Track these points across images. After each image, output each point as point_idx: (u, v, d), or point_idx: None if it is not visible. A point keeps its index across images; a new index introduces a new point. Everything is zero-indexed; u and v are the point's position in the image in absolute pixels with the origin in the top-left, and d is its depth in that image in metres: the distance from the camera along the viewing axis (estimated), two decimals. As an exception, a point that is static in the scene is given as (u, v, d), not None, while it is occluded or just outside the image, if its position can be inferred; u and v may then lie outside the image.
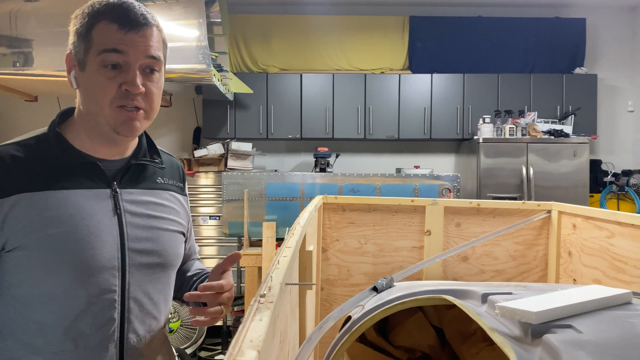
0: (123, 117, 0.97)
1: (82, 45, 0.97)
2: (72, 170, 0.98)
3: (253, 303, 0.54)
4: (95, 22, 0.96)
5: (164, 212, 1.09)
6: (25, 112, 5.11)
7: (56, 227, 0.92)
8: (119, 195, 1.02)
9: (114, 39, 0.95)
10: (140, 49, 0.96)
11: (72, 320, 0.94)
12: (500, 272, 2.37)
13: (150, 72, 1.00)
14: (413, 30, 5.19)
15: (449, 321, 1.75)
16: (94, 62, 0.96)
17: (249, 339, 0.40)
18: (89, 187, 0.99)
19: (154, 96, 1.01)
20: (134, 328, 1.02)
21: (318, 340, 0.98)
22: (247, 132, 4.98)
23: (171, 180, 1.16)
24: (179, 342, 4.12)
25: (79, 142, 1.01)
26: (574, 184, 4.54)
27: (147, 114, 1.01)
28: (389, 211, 2.39)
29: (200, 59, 3.62)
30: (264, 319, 0.46)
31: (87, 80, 0.97)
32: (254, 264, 3.65)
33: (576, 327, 0.85)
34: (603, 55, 5.41)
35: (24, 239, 0.91)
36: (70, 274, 0.93)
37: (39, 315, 0.93)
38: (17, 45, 3.70)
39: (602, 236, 1.91)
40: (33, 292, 0.92)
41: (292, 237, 1.05)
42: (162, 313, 1.10)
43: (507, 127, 4.63)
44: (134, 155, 1.08)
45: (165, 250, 1.07)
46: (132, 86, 0.96)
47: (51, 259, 0.92)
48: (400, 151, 5.44)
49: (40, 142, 0.99)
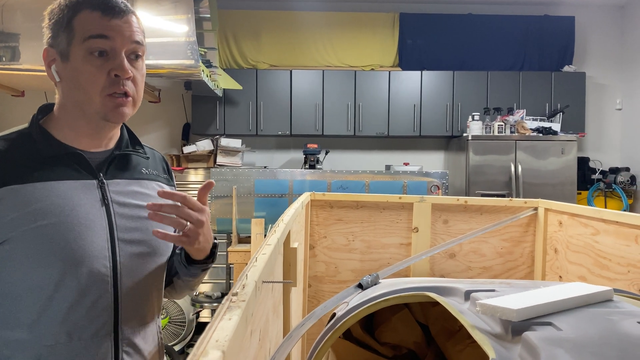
0: (112, 104, 0.97)
1: (63, 36, 0.96)
2: (57, 162, 0.98)
3: (224, 302, 0.53)
4: (76, 12, 0.96)
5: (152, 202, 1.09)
6: (11, 107, 5.05)
7: (45, 218, 0.91)
8: (105, 186, 1.02)
9: (99, 25, 0.95)
10: (126, 35, 0.97)
11: (66, 313, 0.93)
12: (487, 269, 2.38)
13: (135, 58, 1.01)
14: (403, 27, 5.18)
15: (435, 318, 1.75)
16: (79, 51, 0.95)
17: (215, 339, 0.40)
18: (76, 178, 0.98)
19: (139, 82, 1.02)
20: (127, 319, 1.01)
21: (299, 337, 0.97)
22: (236, 128, 4.95)
23: (155, 170, 1.16)
24: (168, 339, 4.10)
25: (62, 135, 1.00)
26: (561, 181, 4.56)
27: (134, 101, 1.02)
28: (377, 208, 2.39)
29: (189, 54, 3.59)
30: (234, 318, 0.46)
31: (72, 70, 0.96)
32: (243, 261, 3.64)
33: (556, 324, 0.85)
34: (592, 54, 5.44)
35: (12, 232, 0.89)
36: (61, 265, 0.92)
37: (31, 309, 0.92)
38: (3, 39, 3.65)
39: (587, 233, 1.92)
40: (23, 285, 0.91)
41: (273, 235, 1.05)
42: (154, 304, 1.09)
43: (496, 124, 4.65)
44: (117, 147, 1.08)
45: (154, 240, 1.06)
46: (122, 71, 0.96)
47: (41, 251, 0.91)
48: (390, 148, 5.44)
49: (23, 136, 0.98)
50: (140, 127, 5.27)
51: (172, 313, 4.12)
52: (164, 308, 4.07)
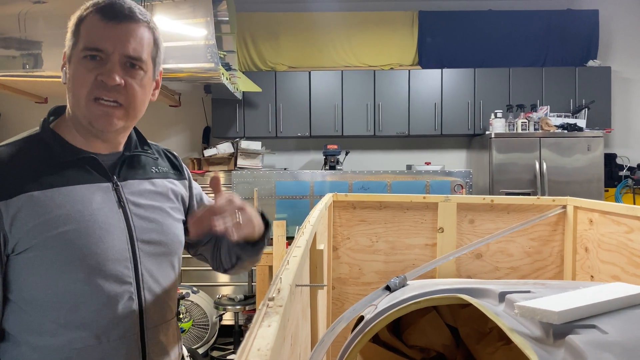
0: (99, 111, 0.95)
1: (72, 41, 0.97)
2: (72, 166, 0.98)
3: (261, 307, 0.51)
4: (84, 16, 0.96)
5: (163, 201, 1.10)
6: (35, 113, 5.13)
7: (67, 224, 0.92)
8: (120, 188, 1.02)
9: (96, 29, 0.95)
10: (121, 41, 0.95)
11: (93, 316, 0.94)
12: (515, 269, 2.33)
13: (131, 66, 0.98)
14: (422, 25, 5.13)
15: (464, 320, 1.71)
16: (78, 55, 0.95)
17: (257, 347, 0.38)
18: (91, 181, 0.98)
19: (135, 92, 0.98)
20: (152, 318, 1.03)
21: (331, 342, 0.95)
22: (256, 130, 4.96)
23: (165, 168, 1.16)
24: (191, 342, 4.11)
25: (72, 138, 1.00)
26: (588, 179, 4.46)
27: (127, 112, 0.99)
28: (401, 208, 2.35)
29: (209, 57, 3.60)
30: (273, 325, 0.44)
31: (70, 73, 0.97)
32: (265, 263, 3.63)
33: (600, 327, 0.81)
34: (617, 47, 5.31)
35: (34, 239, 0.90)
36: (86, 270, 0.93)
37: (57, 314, 0.92)
38: (26, 47, 3.71)
39: (620, 231, 1.86)
40: (49, 292, 0.92)
41: (302, 236, 1.03)
42: (173, 301, 1.12)
43: (519, 121, 4.56)
44: (127, 148, 1.08)
45: (170, 239, 1.08)
46: (107, 77, 0.94)
47: (65, 257, 0.91)
48: (411, 148, 5.39)
49: (35, 141, 0.99)
50: (161, 131, 5.31)
51: (196, 316, 4.13)
52: (187, 311, 4.08)
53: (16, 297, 0.93)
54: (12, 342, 0.94)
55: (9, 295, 0.93)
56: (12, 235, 0.89)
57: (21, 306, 0.93)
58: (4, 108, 5.24)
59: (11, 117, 5.26)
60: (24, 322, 0.93)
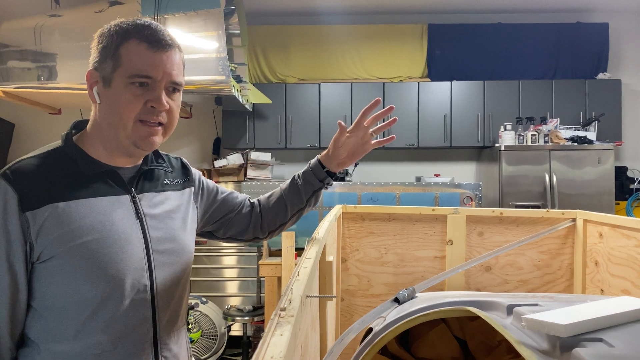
0: (144, 132, 1.01)
1: (109, 63, 0.99)
2: (94, 179, 1.02)
3: (273, 317, 0.53)
4: (123, 40, 0.99)
5: (175, 212, 1.15)
6: (49, 124, 5.20)
7: (90, 234, 0.96)
8: (138, 200, 1.07)
9: (144, 58, 0.99)
10: (167, 69, 1.01)
11: (109, 323, 0.98)
12: (525, 282, 2.32)
13: (172, 90, 1.04)
14: (432, 38, 5.16)
15: (473, 333, 1.71)
16: (121, 79, 0.99)
17: (270, 355, 0.39)
18: (111, 194, 1.03)
19: (174, 113, 1.07)
20: (164, 325, 1.07)
21: (340, 353, 0.96)
22: (266, 142, 4.99)
23: (176, 179, 1.20)
24: (200, 353, 4.12)
25: (95, 152, 1.05)
26: (598, 192, 4.43)
27: (165, 130, 1.06)
28: (410, 220, 2.36)
29: (220, 70, 3.65)
30: (285, 334, 0.45)
31: (112, 96, 1.00)
32: (274, 274, 3.64)
33: (608, 340, 0.81)
34: (627, 60, 5.30)
35: (59, 249, 0.94)
36: (106, 279, 0.97)
37: (76, 321, 0.96)
38: (41, 59, 3.79)
39: (630, 245, 1.85)
40: (70, 299, 0.96)
41: (312, 248, 1.04)
42: (184, 310, 1.16)
43: (529, 134, 4.56)
44: (144, 162, 1.13)
45: (182, 249, 1.13)
46: (158, 104, 1.00)
47: (87, 266, 0.95)
48: (420, 159, 5.39)
49: (58, 154, 1.03)
50: (172, 142, 5.36)
51: (204, 327, 4.14)
52: (197, 321, 4.09)
53: (38, 304, 0.97)
54: (33, 348, 0.98)
55: (32, 302, 0.98)
56: (38, 244, 0.94)
57: (42, 313, 0.97)
58: (18, 119, 5.32)
59: (25, 128, 5.33)
60: (44, 328, 0.97)
